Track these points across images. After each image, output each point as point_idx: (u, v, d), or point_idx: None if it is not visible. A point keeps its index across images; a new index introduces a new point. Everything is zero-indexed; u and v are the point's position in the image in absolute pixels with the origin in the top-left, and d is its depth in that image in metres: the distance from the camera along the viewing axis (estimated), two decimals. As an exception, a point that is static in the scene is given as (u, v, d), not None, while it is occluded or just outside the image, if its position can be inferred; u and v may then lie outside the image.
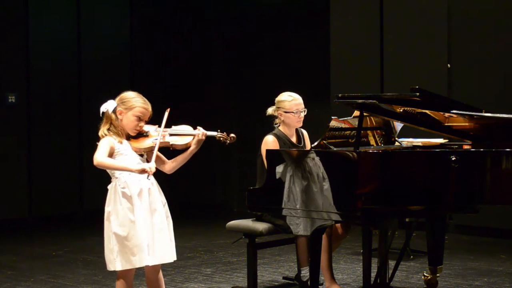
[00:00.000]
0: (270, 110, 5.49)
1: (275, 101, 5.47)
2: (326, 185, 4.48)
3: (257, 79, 10.20)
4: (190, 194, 10.69)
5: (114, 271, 4.40)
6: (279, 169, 4.73)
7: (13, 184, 9.32)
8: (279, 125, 5.45)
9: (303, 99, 5.48)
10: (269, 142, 5.32)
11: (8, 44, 9.32)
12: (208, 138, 4.49)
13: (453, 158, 4.29)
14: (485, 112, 4.67)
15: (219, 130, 4.54)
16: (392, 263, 5.23)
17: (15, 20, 9.40)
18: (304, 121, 5.52)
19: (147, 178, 4.24)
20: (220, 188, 10.71)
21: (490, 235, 7.92)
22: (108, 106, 4.43)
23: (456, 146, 5.07)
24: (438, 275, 5.40)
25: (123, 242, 4.28)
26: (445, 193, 4.39)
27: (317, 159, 4.53)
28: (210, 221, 9.52)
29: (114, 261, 4.31)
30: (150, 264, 4.32)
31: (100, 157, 4.26)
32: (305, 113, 5.44)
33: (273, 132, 5.42)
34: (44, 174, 9.54)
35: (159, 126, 4.41)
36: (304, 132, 5.59)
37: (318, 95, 9.10)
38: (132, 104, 4.38)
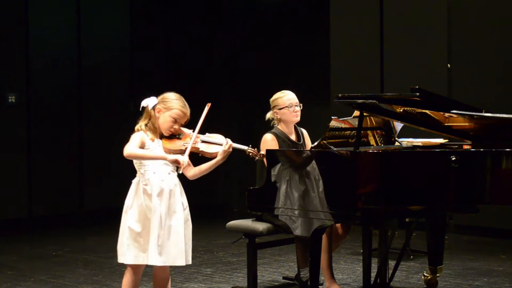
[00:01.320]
0: (268, 114, 5.51)
1: (270, 102, 5.48)
2: (326, 185, 4.48)
3: (257, 79, 10.20)
4: (190, 194, 10.64)
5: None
6: (279, 169, 4.73)
7: (13, 184, 9.32)
8: (278, 124, 5.46)
9: (303, 99, 5.48)
10: (268, 140, 5.32)
11: (8, 44, 9.31)
12: (238, 151, 4.53)
13: (453, 158, 4.29)
14: (485, 112, 4.67)
15: (250, 145, 4.58)
16: (392, 263, 5.23)
17: (15, 20, 9.39)
18: (304, 121, 5.52)
19: (178, 171, 4.34)
20: (220, 188, 10.71)
21: (490, 235, 7.92)
22: (149, 102, 4.51)
23: (456, 146, 5.07)
24: (438, 275, 5.40)
25: (136, 238, 4.34)
26: (445, 193, 4.39)
27: (317, 159, 4.53)
28: (210, 221, 9.52)
29: (124, 254, 4.35)
30: (159, 264, 4.36)
31: (130, 148, 4.32)
32: (301, 108, 5.44)
33: (272, 130, 5.42)
34: (44, 174, 9.53)
35: (193, 131, 4.48)
36: (304, 131, 5.59)
37: (318, 95, 9.11)
38: (171, 105, 4.47)
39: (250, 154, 4.57)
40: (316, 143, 4.90)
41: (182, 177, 4.55)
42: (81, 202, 9.88)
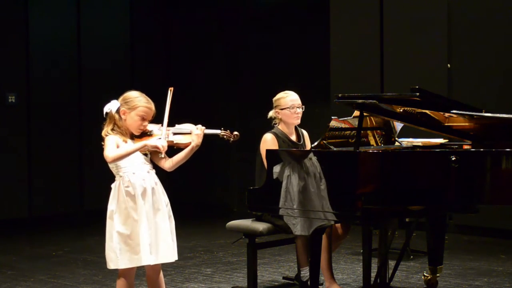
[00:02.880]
0: (270, 113, 5.50)
1: (273, 101, 5.48)
2: (326, 185, 4.47)
3: (257, 79, 10.20)
4: (190, 194, 10.68)
5: (115, 270, 4.40)
6: (279, 169, 4.73)
7: (13, 184, 9.32)
8: (278, 124, 5.46)
9: (303, 99, 5.48)
10: (268, 140, 5.32)
11: (8, 44, 9.32)
12: (212, 136, 4.50)
13: (453, 158, 4.29)
14: (485, 112, 4.67)
15: (222, 128, 4.54)
16: (392, 263, 5.23)
17: (15, 20, 9.40)
18: (304, 121, 5.52)
19: (160, 155, 4.32)
20: (220, 188, 10.71)
21: (490, 235, 7.92)
22: (111, 107, 4.45)
23: (456, 146, 5.07)
24: (438, 275, 5.40)
25: (126, 241, 4.31)
26: (445, 193, 4.39)
27: (317, 159, 4.53)
28: (210, 221, 9.52)
29: (117, 260, 4.32)
30: (152, 263, 4.34)
31: (111, 152, 4.29)
32: (303, 110, 5.44)
33: (272, 130, 5.42)
34: (44, 174, 9.54)
35: (162, 125, 4.42)
36: (305, 132, 5.59)
37: (318, 95, 9.11)
38: (135, 104, 4.40)
39: (225, 136, 4.52)
40: (316, 143, 4.90)
41: (182, 177, 4.54)
42: (81, 202, 9.89)
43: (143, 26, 10.61)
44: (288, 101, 5.39)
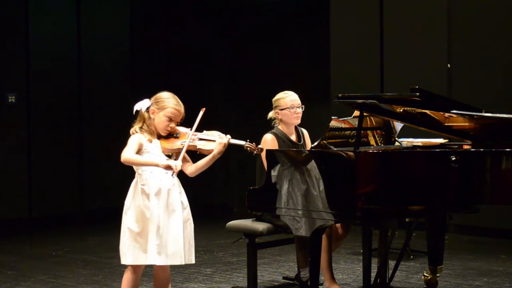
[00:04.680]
0: (270, 113, 5.50)
1: (272, 102, 5.48)
2: (326, 185, 4.48)
3: (257, 79, 10.20)
4: (190, 194, 10.65)
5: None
6: (279, 169, 4.73)
7: (13, 184, 9.32)
8: (278, 124, 5.46)
9: (303, 99, 5.48)
10: (268, 140, 5.32)
11: (8, 44, 9.31)
12: (237, 146, 4.52)
13: (453, 158, 4.29)
14: (485, 112, 4.67)
15: (248, 140, 4.56)
16: (392, 263, 5.23)
17: (15, 21, 9.39)
18: (304, 121, 5.52)
19: (172, 175, 4.33)
20: (220, 188, 10.71)
21: (490, 235, 7.92)
22: (142, 105, 4.52)
23: (456, 146, 5.07)
24: (438, 275, 5.40)
25: (136, 238, 4.36)
26: (445, 193, 4.39)
27: (317, 159, 4.53)
28: (210, 221, 9.52)
29: (125, 255, 4.37)
30: (158, 263, 4.36)
31: (127, 154, 4.34)
32: (303, 110, 5.44)
33: (272, 131, 5.42)
34: (44, 174, 9.53)
35: (191, 129, 4.45)
36: (305, 131, 5.59)
37: (318, 95, 9.11)
38: (164, 104, 4.47)
39: (248, 149, 4.55)
40: (316, 143, 4.90)
41: (182, 177, 4.55)
42: (81, 202, 9.89)
43: (143, 26, 10.61)
44: (288, 101, 5.39)
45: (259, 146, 4.60)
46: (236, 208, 10.31)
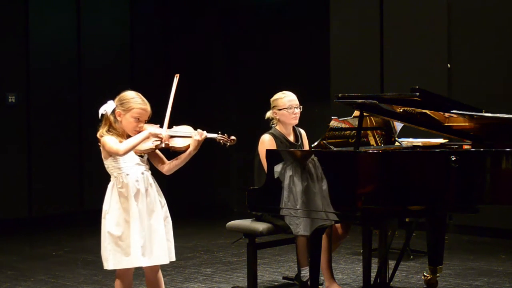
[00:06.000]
0: (268, 114, 5.50)
1: (270, 102, 5.48)
2: (326, 185, 4.48)
3: (257, 79, 10.20)
4: (190, 194, 10.68)
5: (114, 270, 4.40)
6: (279, 169, 4.73)
7: (13, 184, 9.32)
8: (276, 125, 5.46)
9: (303, 99, 5.48)
10: (266, 141, 5.32)
11: (8, 44, 9.32)
12: (209, 140, 4.48)
13: (453, 158, 4.29)
14: (485, 112, 4.67)
15: (219, 132, 4.53)
16: (392, 263, 5.23)
17: (15, 20, 9.40)
18: (304, 121, 5.52)
19: (160, 145, 4.27)
20: (220, 188, 10.71)
21: (490, 235, 7.92)
22: (107, 108, 4.40)
23: (456, 146, 5.07)
24: (438, 275, 5.40)
25: (117, 242, 4.29)
26: (445, 193, 4.39)
27: (317, 159, 4.53)
28: (210, 221, 9.52)
29: (107, 260, 4.31)
30: (144, 265, 4.32)
31: (121, 146, 4.24)
32: (301, 110, 5.43)
33: (270, 131, 5.42)
34: (44, 174, 9.54)
35: (161, 126, 4.40)
36: (302, 131, 5.59)
37: (318, 95, 9.11)
38: (130, 105, 4.35)
39: (221, 141, 4.51)
40: (316, 143, 4.90)
41: (182, 177, 4.54)
42: (81, 202, 9.89)
43: (143, 26, 10.61)
44: (286, 102, 5.39)
45: (232, 137, 4.54)
46: (236, 208, 10.31)
